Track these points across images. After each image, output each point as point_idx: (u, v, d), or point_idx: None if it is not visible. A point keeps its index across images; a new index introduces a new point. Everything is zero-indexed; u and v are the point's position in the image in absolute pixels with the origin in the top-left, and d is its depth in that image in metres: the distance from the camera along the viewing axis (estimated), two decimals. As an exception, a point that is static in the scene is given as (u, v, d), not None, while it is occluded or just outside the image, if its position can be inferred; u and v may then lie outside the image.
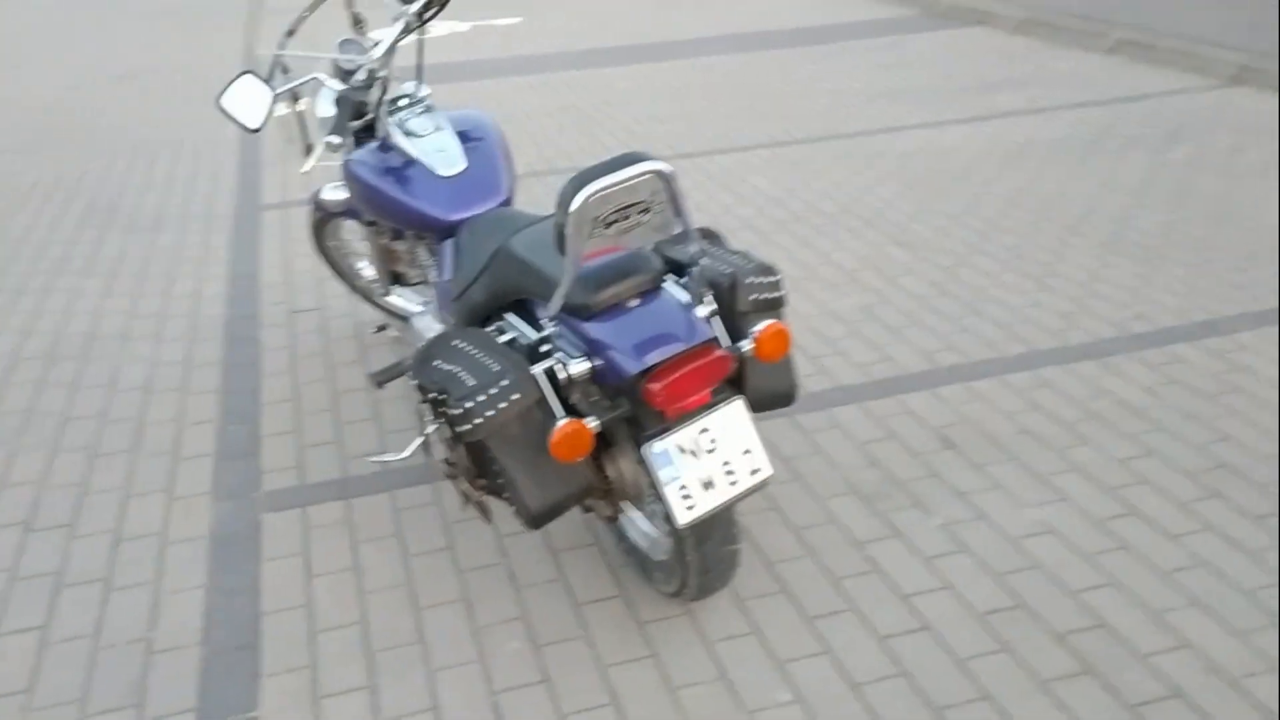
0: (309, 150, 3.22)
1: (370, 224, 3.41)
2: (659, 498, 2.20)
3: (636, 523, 2.61)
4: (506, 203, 2.86)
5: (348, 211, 3.48)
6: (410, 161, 2.87)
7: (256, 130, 2.78)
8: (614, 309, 2.15)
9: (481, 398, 2.08)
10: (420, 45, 3.10)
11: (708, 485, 2.13)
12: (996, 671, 2.31)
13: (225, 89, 2.77)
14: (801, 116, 6.60)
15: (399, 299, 3.88)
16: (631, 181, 1.96)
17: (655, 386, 2.03)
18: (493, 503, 2.95)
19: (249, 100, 2.77)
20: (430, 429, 2.94)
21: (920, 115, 6.49)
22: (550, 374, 2.18)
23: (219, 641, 2.53)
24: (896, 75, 7.52)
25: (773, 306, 2.32)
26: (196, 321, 4.19)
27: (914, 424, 3.25)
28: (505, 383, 2.09)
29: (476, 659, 2.43)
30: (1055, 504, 2.85)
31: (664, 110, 6.94)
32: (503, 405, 2.07)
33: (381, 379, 3.08)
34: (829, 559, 2.69)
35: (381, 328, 3.47)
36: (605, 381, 2.15)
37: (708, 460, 2.13)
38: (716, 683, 2.33)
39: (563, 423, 2.06)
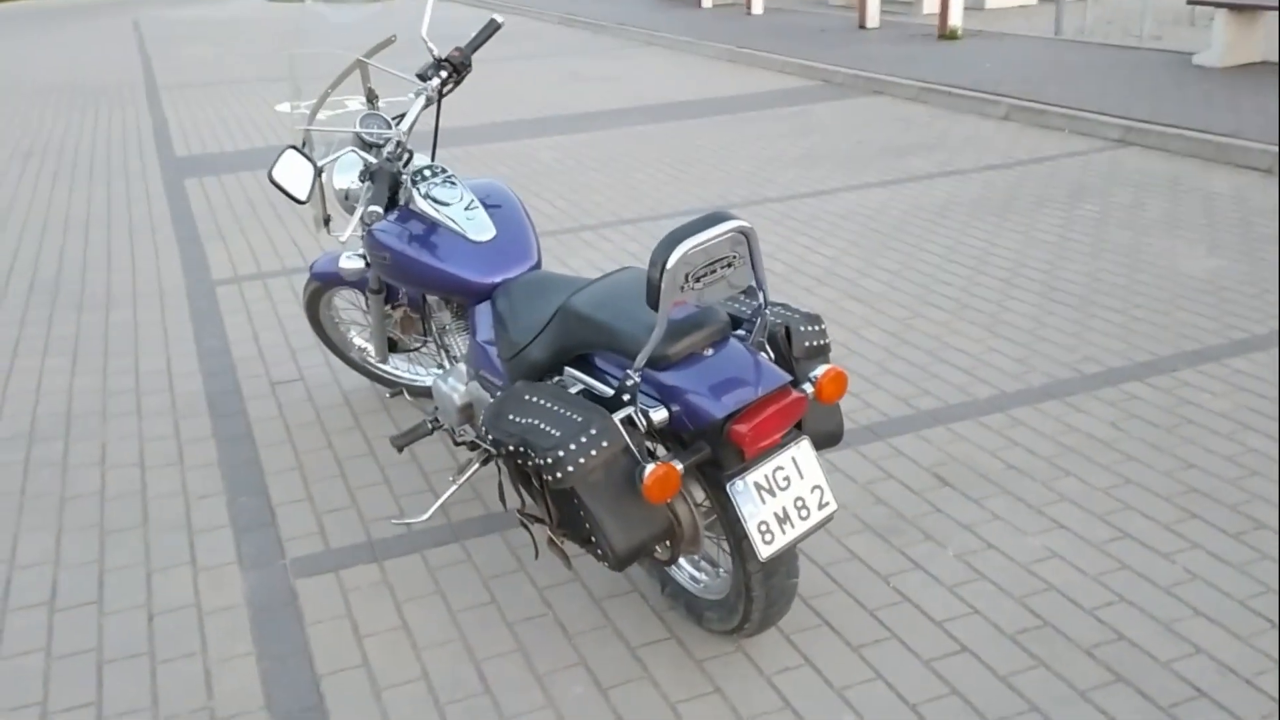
0: (327, 220, 3.30)
1: (376, 292, 3.50)
2: (732, 535, 2.35)
3: (683, 566, 2.74)
4: (536, 265, 2.99)
5: (356, 281, 3.56)
6: (439, 229, 2.99)
7: (304, 202, 2.86)
8: (689, 359, 2.30)
9: (572, 446, 2.20)
10: (437, 117, 3.23)
11: (783, 520, 2.29)
12: (1038, 685, 2.50)
13: (274, 163, 2.86)
14: (730, 182, 6.88)
15: (394, 366, 3.96)
16: (720, 238, 2.13)
17: (742, 428, 2.19)
18: (542, 546, 3.04)
19: (295, 173, 2.86)
20: (454, 489, 3.03)
21: (841, 179, 6.84)
22: (626, 421, 2.31)
23: (284, 706, 2.56)
24: (809, 142, 7.89)
25: (821, 352, 2.51)
26: (175, 397, 4.17)
27: (907, 464, 3.46)
28: (593, 431, 2.21)
29: (546, 704, 2.52)
30: (1054, 531, 3.07)
31: (594, 179, 7.15)
32: (593, 453, 2.20)
33: (402, 442, 3.18)
34: (860, 592, 2.86)
35: (396, 393, 3.54)
36: (681, 427, 2.30)
37: (782, 497, 2.29)
38: (783, 712, 2.46)
39: (655, 465, 2.19)
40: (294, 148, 2.87)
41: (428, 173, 3.13)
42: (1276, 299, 4.61)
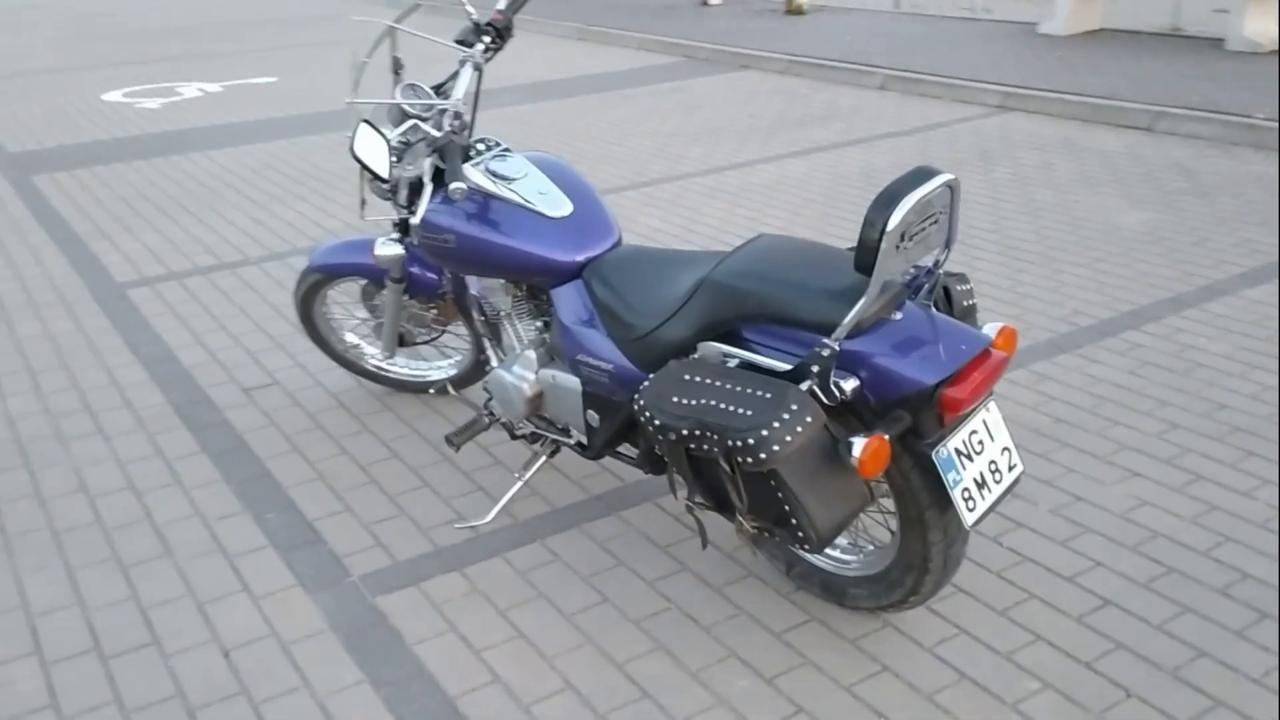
0: (363, 204, 3.01)
1: (398, 281, 3.23)
2: (913, 505, 2.25)
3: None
4: (619, 241, 2.81)
5: (375, 271, 3.27)
6: (508, 206, 2.76)
7: (386, 181, 2.58)
8: (876, 325, 2.18)
9: (775, 425, 2.05)
10: (477, 87, 2.99)
11: (981, 486, 2.21)
12: (1194, 630, 2.52)
13: (354, 138, 2.57)
14: (640, 159, 6.76)
15: (399, 361, 3.69)
16: (933, 193, 2.03)
17: (958, 394, 2.09)
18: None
19: (373, 149, 2.57)
20: (519, 484, 2.83)
21: (753, 151, 6.82)
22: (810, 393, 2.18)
23: (426, 735, 2.31)
24: (701, 116, 7.84)
25: (972, 312, 2.44)
26: (138, 413, 3.76)
27: (958, 426, 3.44)
28: (794, 407, 2.07)
29: (716, 701, 2.37)
30: (1132, 480, 3.12)
31: (496, 161, 6.88)
32: (798, 429, 2.06)
33: (459, 440, 2.96)
34: (975, 554, 2.82)
35: (440, 389, 3.28)
36: (875, 395, 2.18)
37: (979, 461, 2.21)
38: (961, 684, 2.39)
39: (868, 439, 2.07)
40: (367, 121, 2.59)
41: (481, 146, 2.89)
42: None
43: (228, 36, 13.08)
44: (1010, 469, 2.28)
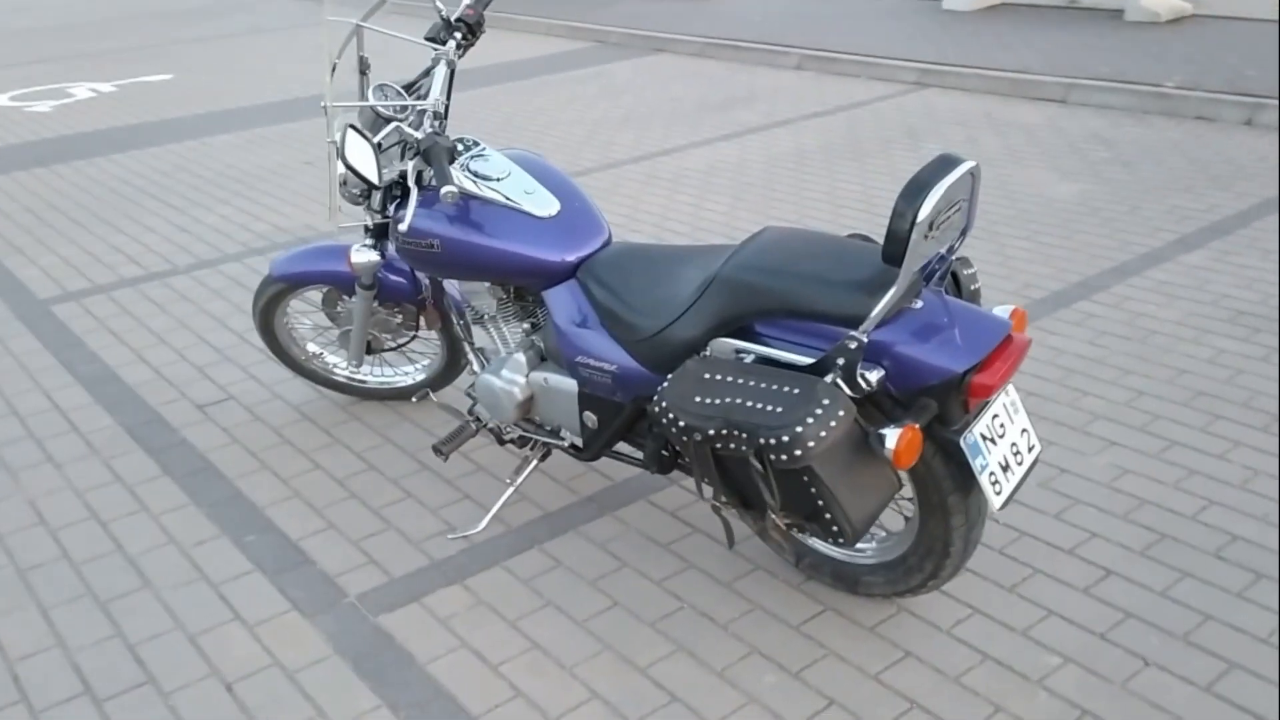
0: (340, 208, 2.90)
1: (369, 288, 3.14)
2: (936, 491, 2.26)
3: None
4: (609, 239, 2.76)
5: (345, 279, 3.17)
6: (493, 207, 2.69)
7: (378, 186, 2.49)
8: (899, 314, 2.18)
9: (809, 421, 2.03)
10: (450, 85, 2.90)
11: (1005, 469, 2.23)
12: (1196, 594, 2.58)
13: (343, 144, 2.46)
14: (570, 148, 6.68)
15: (366, 370, 3.59)
16: (958, 181, 2.03)
17: (988, 380, 2.10)
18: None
19: (361, 155, 2.48)
20: (511, 490, 2.78)
21: (682, 136, 6.80)
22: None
23: (456, 757, 2.25)
24: (625, 102, 7.79)
25: (977, 296, 2.45)
26: (87, 438, 3.58)
27: (934, 405, 3.47)
28: (825, 402, 2.06)
29: (747, 699, 2.35)
30: (1111, 449, 3.18)
31: (421, 155, 6.74)
32: (832, 424, 2.04)
33: (447, 449, 2.89)
34: (975, 534, 2.84)
35: (422, 396, 3.18)
36: (900, 385, 2.18)
37: (1001, 445, 2.23)
38: (985, 664, 2.41)
39: (901, 430, 2.07)
40: (353, 127, 2.49)
41: (460, 146, 2.81)
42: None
43: (108, 34, 12.58)
44: (1030, 449, 2.30)
